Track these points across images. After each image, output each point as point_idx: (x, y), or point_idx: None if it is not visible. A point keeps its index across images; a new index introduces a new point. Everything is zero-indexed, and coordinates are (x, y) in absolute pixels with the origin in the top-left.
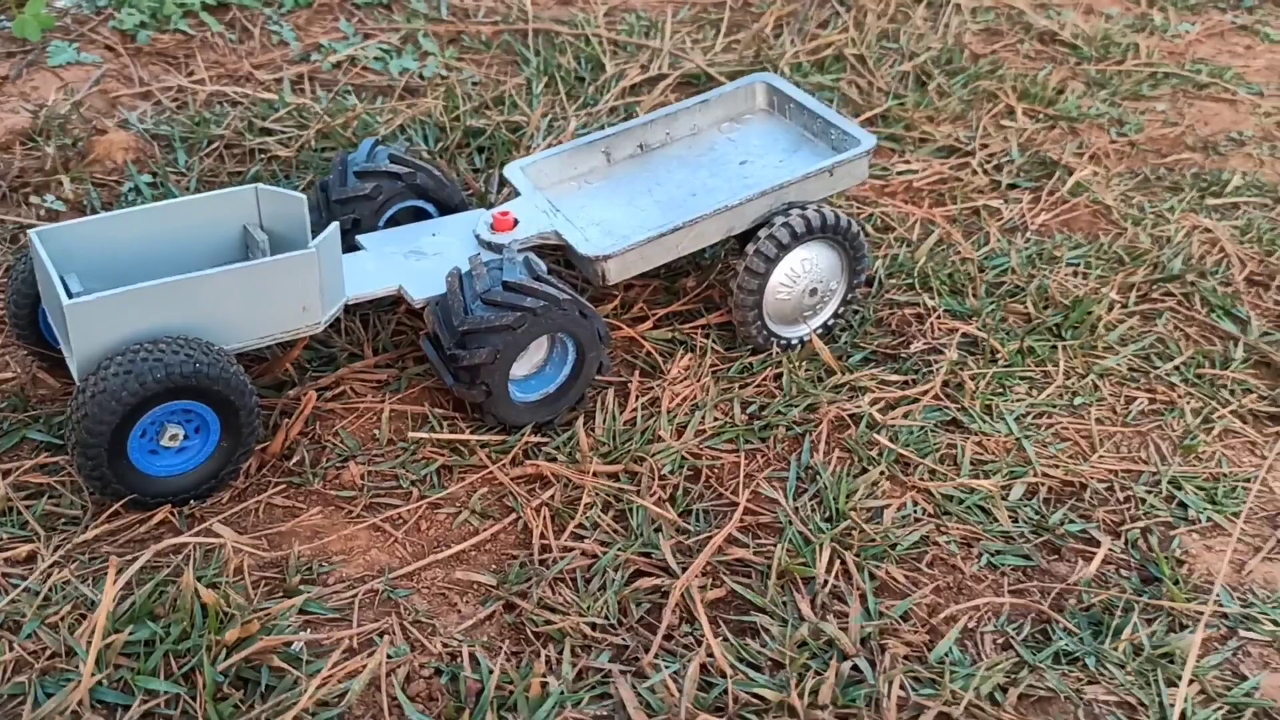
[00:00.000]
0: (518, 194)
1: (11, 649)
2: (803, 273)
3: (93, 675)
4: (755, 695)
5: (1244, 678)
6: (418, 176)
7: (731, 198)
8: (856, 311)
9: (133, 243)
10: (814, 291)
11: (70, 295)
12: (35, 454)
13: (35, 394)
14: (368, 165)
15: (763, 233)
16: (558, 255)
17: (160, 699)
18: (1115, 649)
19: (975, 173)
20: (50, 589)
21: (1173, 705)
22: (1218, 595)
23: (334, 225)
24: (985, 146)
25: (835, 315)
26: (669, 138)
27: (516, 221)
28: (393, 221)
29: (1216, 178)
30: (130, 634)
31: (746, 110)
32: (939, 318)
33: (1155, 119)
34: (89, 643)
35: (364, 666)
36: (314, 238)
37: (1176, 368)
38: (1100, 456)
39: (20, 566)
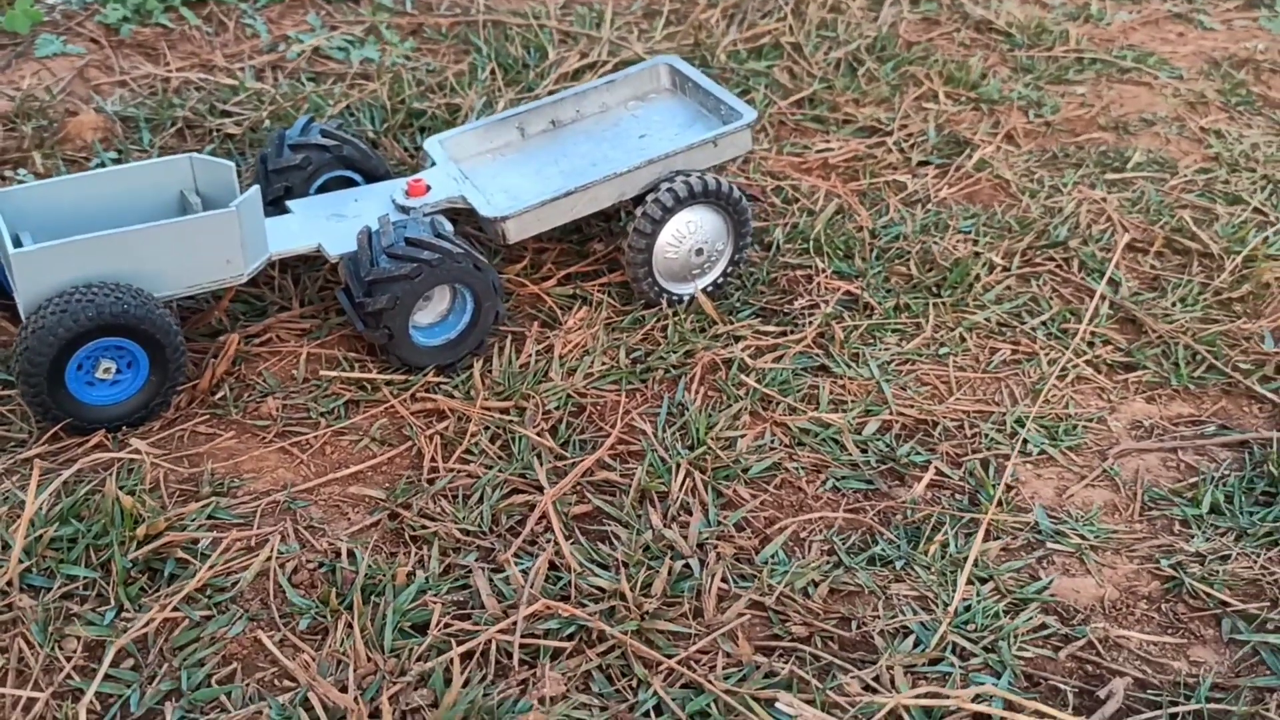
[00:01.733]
0: (432, 161)
1: None
2: (688, 234)
3: (20, 562)
4: (596, 587)
5: (1039, 580)
6: (344, 149)
7: (623, 165)
8: (750, 273)
9: (81, 204)
10: (700, 251)
11: (15, 241)
12: None
13: None
14: (301, 139)
15: (650, 196)
16: (470, 218)
17: (79, 582)
18: (926, 553)
19: (890, 151)
20: None
21: (963, 600)
22: (1030, 512)
23: (254, 188)
24: (904, 127)
25: (725, 274)
26: (579, 114)
27: (429, 188)
28: (323, 189)
29: (1120, 155)
30: (56, 530)
31: (651, 89)
32: (826, 278)
33: (1073, 101)
34: (18, 535)
35: (256, 558)
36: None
37: (1042, 323)
38: (956, 399)
39: None
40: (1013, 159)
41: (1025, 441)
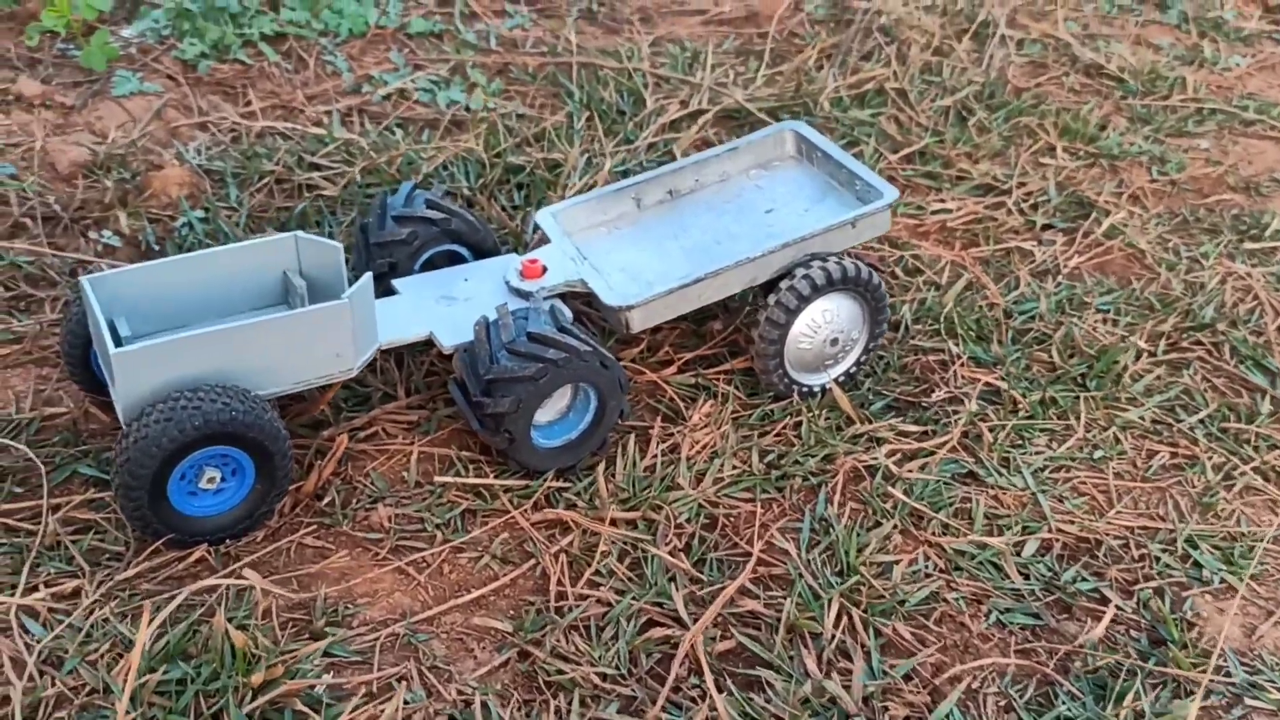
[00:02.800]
0: (546, 237)
1: (54, 684)
2: (824, 323)
3: (126, 713)
4: None
5: None
6: (453, 222)
7: (754, 248)
8: (881, 357)
9: (178, 288)
10: (835, 341)
11: (118, 340)
12: (84, 488)
13: (86, 428)
14: (405, 210)
15: (784, 284)
16: (585, 297)
17: None
18: (1116, 716)
19: (1010, 212)
20: (92, 626)
21: None
22: (1222, 659)
23: (367, 276)
24: (1022, 185)
25: (858, 363)
26: (698, 184)
27: (545, 269)
28: (428, 264)
29: (1256, 220)
30: (164, 673)
31: (775, 158)
32: (963, 365)
33: (1198, 157)
34: (124, 681)
35: (381, 712)
36: (349, 285)
37: (1201, 421)
38: (1117, 512)
39: (65, 601)
40: (1143, 224)
41: (1200, 567)
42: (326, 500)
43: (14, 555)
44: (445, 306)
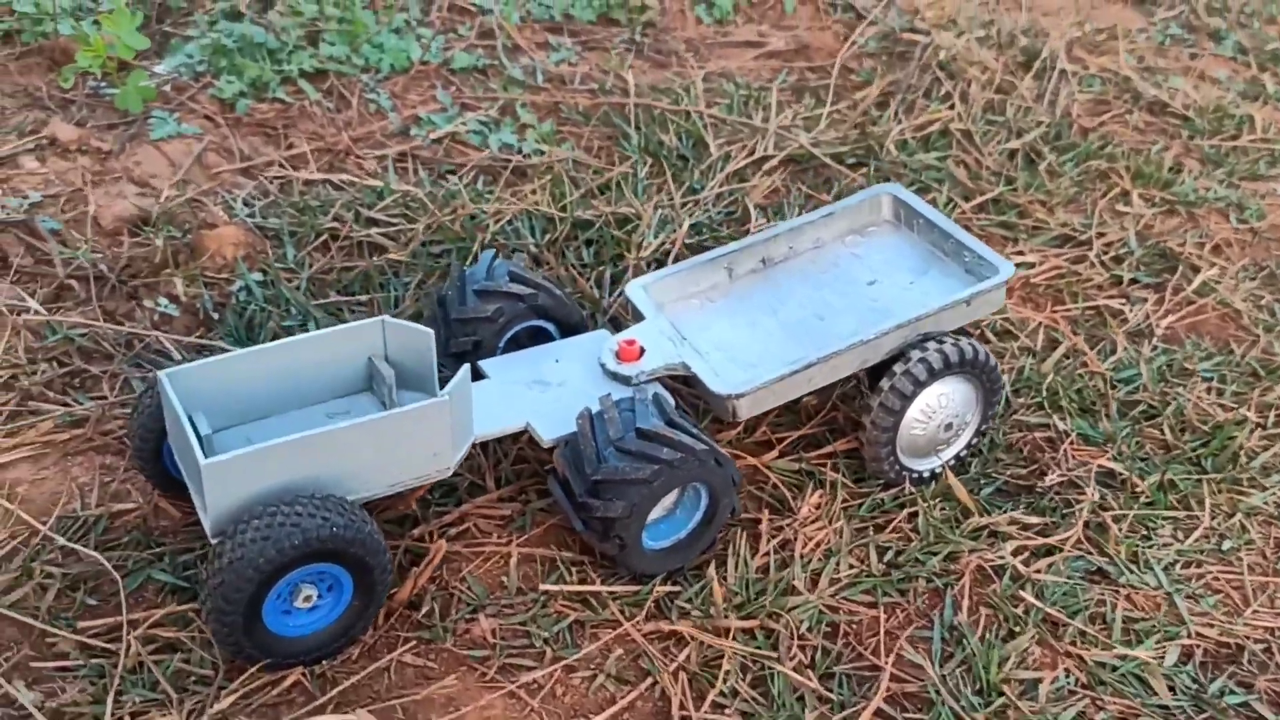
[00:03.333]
0: (639, 313)
1: None
2: (939, 408)
3: None
4: None
5: None
6: (539, 297)
7: (865, 329)
8: (985, 434)
9: (259, 379)
10: (949, 426)
11: (200, 439)
12: (161, 597)
13: (157, 525)
14: (488, 284)
15: (899, 368)
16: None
17: None
18: None
19: (1093, 265)
20: None
21: None
22: None
23: (465, 369)
24: (1102, 235)
25: (968, 446)
26: (792, 251)
27: (643, 350)
28: (512, 340)
29: None
30: None
31: (871, 223)
32: (1072, 444)
33: (1275, 203)
34: None
35: None
36: (438, 371)
37: None
38: (1254, 611)
39: None
40: (1235, 280)
41: None
42: (424, 611)
43: (95, 681)
44: (538, 392)
